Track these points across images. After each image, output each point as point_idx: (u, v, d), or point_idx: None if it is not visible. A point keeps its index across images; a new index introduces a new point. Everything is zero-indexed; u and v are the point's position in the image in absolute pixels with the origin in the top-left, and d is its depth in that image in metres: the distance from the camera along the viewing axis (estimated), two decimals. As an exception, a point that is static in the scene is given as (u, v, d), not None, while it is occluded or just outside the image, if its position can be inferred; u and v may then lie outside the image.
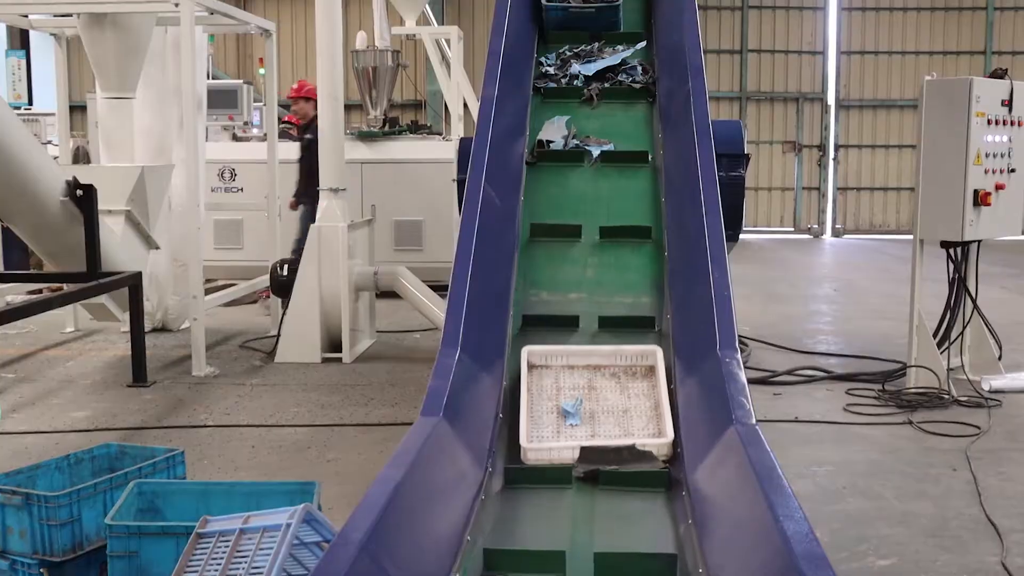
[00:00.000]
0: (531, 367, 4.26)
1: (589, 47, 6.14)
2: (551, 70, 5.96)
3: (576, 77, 5.87)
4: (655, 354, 4.28)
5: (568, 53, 6.11)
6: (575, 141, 5.45)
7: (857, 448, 5.75)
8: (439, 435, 3.35)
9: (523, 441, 3.85)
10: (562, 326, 4.59)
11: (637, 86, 5.81)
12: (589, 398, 4.14)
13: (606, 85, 5.84)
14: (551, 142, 5.44)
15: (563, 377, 4.27)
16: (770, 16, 20.03)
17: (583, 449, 3.80)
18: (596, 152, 5.36)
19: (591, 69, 5.88)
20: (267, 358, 8.00)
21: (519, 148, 5.33)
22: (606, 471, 3.64)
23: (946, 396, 6.65)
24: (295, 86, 10.59)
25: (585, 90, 5.78)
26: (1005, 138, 6.98)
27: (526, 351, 4.29)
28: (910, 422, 6.19)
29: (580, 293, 4.78)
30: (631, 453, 3.77)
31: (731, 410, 3.37)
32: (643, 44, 6.16)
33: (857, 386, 7.07)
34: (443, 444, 3.36)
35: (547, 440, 3.94)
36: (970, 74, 7.73)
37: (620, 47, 6.12)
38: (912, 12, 19.92)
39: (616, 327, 4.58)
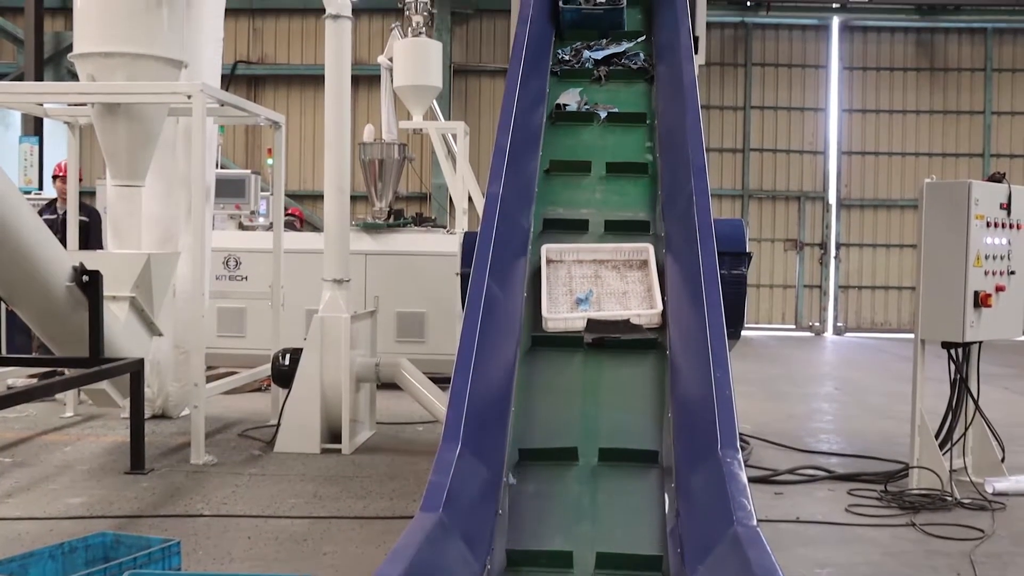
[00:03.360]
0: (548, 261, 5.34)
1: (598, 42, 7.13)
2: (566, 57, 7.00)
3: (587, 61, 6.92)
4: (648, 250, 5.38)
5: (580, 46, 7.11)
6: (586, 107, 6.53)
7: (860, 550, 5.68)
8: (438, 531, 3.32)
9: (544, 312, 4.99)
10: (575, 230, 5.64)
11: (635, 67, 6.86)
12: (595, 285, 5.22)
13: (612, 68, 6.88)
14: (567, 105, 6.50)
15: (574, 269, 5.36)
16: (772, 116, 20.37)
17: (590, 321, 4.94)
18: (603, 115, 6.44)
19: (600, 54, 6.96)
20: (266, 447, 7.95)
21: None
22: (610, 338, 4.83)
23: (949, 498, 6.59)
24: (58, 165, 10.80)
25: (595, 71, 6.81)
26: (1004, 240, 7.05)
27: (544, 248, 5.38)
28: (913, 524, 6.13)
29: (590, 209, 5.81)
30: (627, 325, 4.91)
31: (732, 511, 3.35)
32: (643, 38, 7.20)
33: (859, 486, 7.02)
34: (442, 541, 3.34)
35: (563, 312, 5.06)
36: (969, 176, 7.87)
37: (624, 41, 7.14)
38: (911, 114, 20.28)
39: (618, 230, 5.62)
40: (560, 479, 4.26)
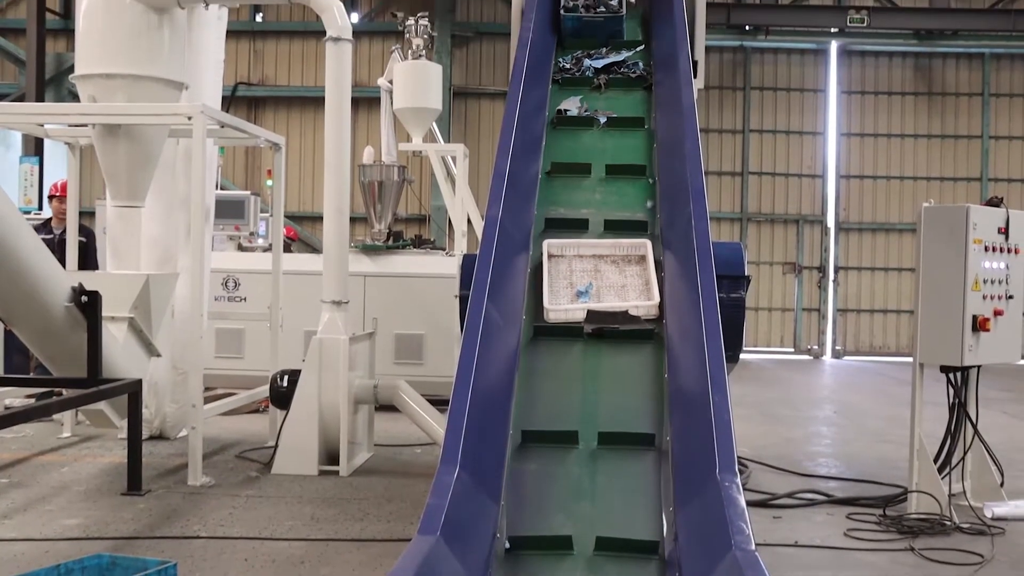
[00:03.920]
0: (550, 256, 5.51)
1: (598, 51, 7.32)
2: (568, 66, 7.19)
3: (588, 69, 7.11)
4: (646, 246, 5.57)
5: (581, 54, 7.30)
6: (586, 112, 6.72)
7: (858, 574, 5.67)
8: (436, 554, 3.31)
9: (546, 304, 5.17)
10: (575, 228, 5.80)
11: (634, 76, 7.05)
12: (595, 278, 5.41)
13: (612, 76, 7.06)
14: (568, 110, 6.70)
15: (575, 263, 5.54)
16: (771, 140, 20.43)
17: (589, 312, 5.12)
18: (603, 120, 6.64)
19: (600, 63, 7.16)
20: (264, 469, 7.93)
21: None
22: (609, 328, 5.03)
23: (948, 523, 6.58)
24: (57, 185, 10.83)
25: (595, 79, 6.99)
26: (1002, 265, 7.07)
27: (545, 244, 5.55)
28: (912, 548, 6.11)
29: (590, 209, 5.98)
30: (625, 316, 5.10)
31: (731, 535, 3.34)
32: (642, 47, 7.42)
33: (858, 511, 7.00)
34: (440, 564, 3.33)
35: (564, 304, 5.25)
36: (967, 200, 7.88)
37: (624, 50, 7.35)
38: (910, 139, 20.35)
39: (617, 229, 5.79)
40: (561, 461, 4.43)
